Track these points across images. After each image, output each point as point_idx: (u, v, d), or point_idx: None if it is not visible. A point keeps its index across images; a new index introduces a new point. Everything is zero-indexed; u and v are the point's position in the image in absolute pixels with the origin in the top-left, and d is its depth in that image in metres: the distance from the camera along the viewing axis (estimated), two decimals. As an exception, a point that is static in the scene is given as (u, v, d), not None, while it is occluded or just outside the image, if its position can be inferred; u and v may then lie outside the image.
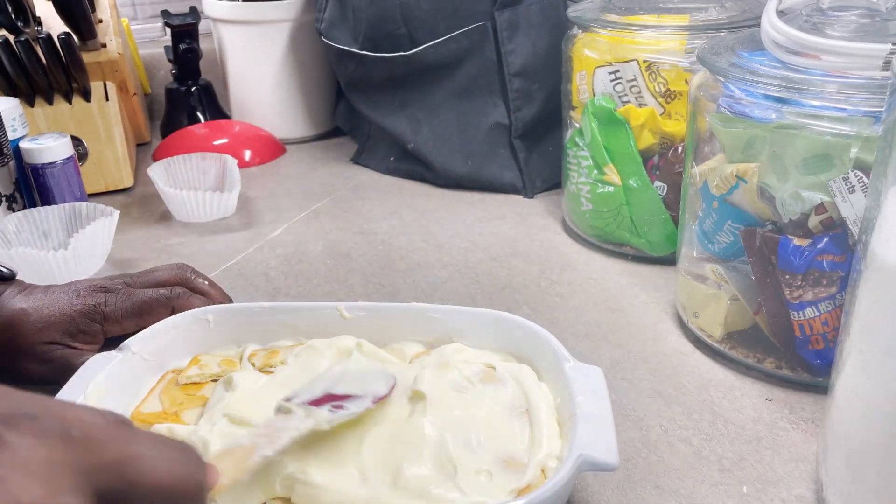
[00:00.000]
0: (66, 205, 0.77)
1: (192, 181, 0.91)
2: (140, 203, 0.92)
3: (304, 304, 0.55)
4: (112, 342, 0.56)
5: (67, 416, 0.24)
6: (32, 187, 0.81)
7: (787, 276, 0.52)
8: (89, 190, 0.90)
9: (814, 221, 0.51)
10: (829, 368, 0.44)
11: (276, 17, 1.03)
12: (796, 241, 0.51)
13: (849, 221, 0.49)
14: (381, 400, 0.45)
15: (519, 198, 0.91)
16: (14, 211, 0.79)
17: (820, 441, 0.46)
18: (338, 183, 0.97)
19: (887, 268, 0.36)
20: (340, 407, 0.43)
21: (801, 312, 0.52)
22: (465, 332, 0.53)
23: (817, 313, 0.52)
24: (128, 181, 0.95)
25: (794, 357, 0.55)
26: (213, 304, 0.58)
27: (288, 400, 0.43)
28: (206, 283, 0.61)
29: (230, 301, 0.61)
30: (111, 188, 0.94)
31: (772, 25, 0.51)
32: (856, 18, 0.51)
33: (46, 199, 0.80)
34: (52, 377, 0.54)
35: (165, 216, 0.88)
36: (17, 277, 0.60)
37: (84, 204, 0.77)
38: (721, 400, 0.55)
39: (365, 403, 0.44)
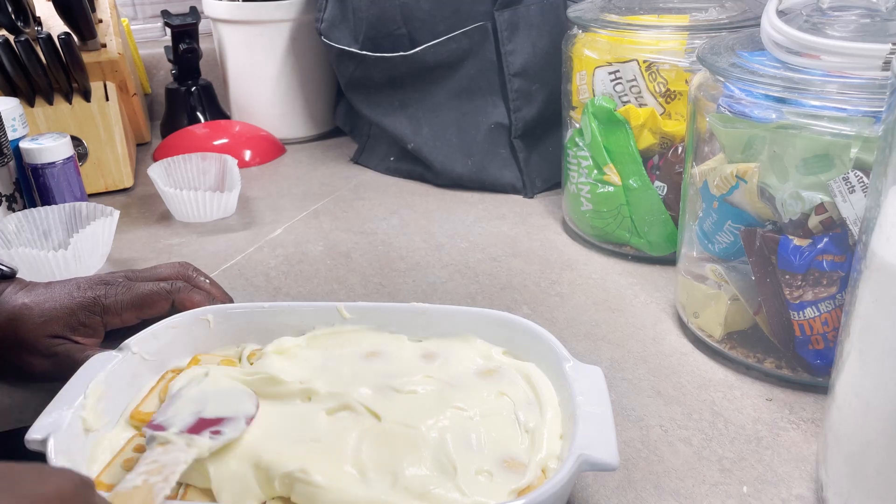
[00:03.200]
0: (66, 205, 0.77)
1: (192, 181, 0.91)
2: (140, 203, 0.92)
3: (304, 304, 0.55)
4: (114, 337, 0.56)
5: None
6: (32, 187, 0.81)
7: (787, 276, 0.52)
8: (89, 190, 0.90)
9: (814, 221, 0.51)
10: (829, 368, 0.44)
11: (276, 17, 1.03)
12: (796, 241, 0.51)
13: (849, 221, 0.49)
14: (252, 420, 0.45)
15: (519, 198, 0.91)
16: (14, 211, 0.79)
17: (820, 441, 0.46)
18: (338, 183, 0.97)
19: (887, 268, 0.36)
20: (218, 432, 0.43)
21: (801, 312, 0.52)
22: (465, 331, 0.53)
23: (817, 313, 0.52)
24: (128, 181, 0.95)
25: (794, 357, 0.55)
26: (214, 299, 0.58)
27: (157, 427, 0.43)
28: (208, 281, 0.61)
29: (231, 300, 0.61)
30: (111, 188, 0.94)
31: (772, 25, 0.51)
32: (856, 18, 0.51)
33: (46, 199, 0.80)
34: (56, 372, 0.54)
35: (165, 216, 0.88)
36: (18, 276, 0.60)
37: (84, 204, 0.77)
38: (721, 400, 0.55)
39: (240, 425, 0.44)
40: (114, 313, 0.56)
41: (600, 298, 0.68)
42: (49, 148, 0.79)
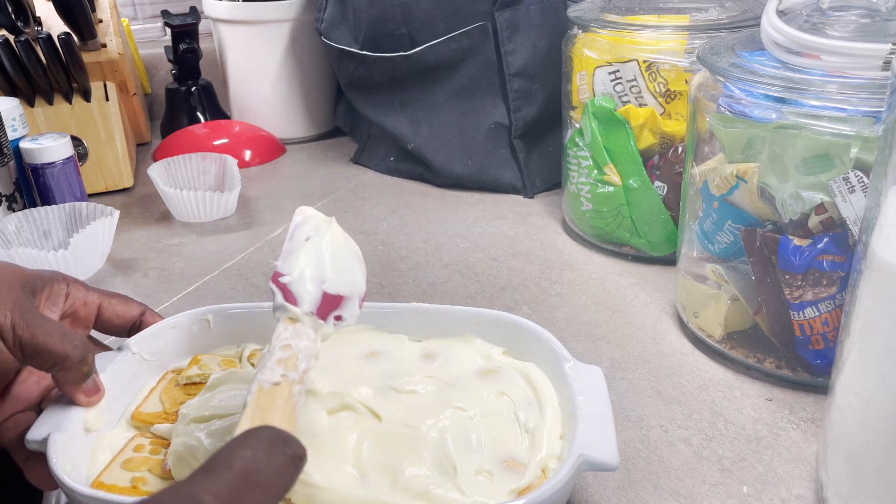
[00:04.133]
0: (66, 205, 0.77)
1: (192, 181, 0.91)
2: (140, 203, 0.92)
3: None
4: None
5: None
6: (32, 187, 0.81)
7: (787, 276, 0.52)
8: (89, 190, 0.90)
9: (814, 221, 0.51)
10: (829, 368, 0.44)
11: (276, 17, 1.03)
12: (796, 241, 0.51)
13: (849, 221, 0.49)
14: (363, 300, 0.43)
15: (519, 198, 0.91)
16: (14, 211, 0.79)
17: (820, 441, 0.46)
18: (338, 183, 0.97)
19: (887, 268, 0.36)
20: (339, 318, 0.41)
21: (801, 312, 0.52)
22: (465, 331, 0.53)
23: (817, 313, 0.52)
24: (128, 181, 0.95)
25: (794, 357, 0.55)
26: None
27: (285, 290, 0.40)
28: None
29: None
30: (111, 188, 0.94)
31: (772, 25, 0.51)
32: (856, 18, 0.51)
33: (46, 199, 0.80)
34: None
35: (165, 216, 0.88)
36: None
37: (84, 204, 0.77)
38: (721, 400, 0.55)
39: (354, 309, 0.42)
40: None
41: (600, 298, 0.68)
42: (49, 148, 0.79)
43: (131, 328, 0.52)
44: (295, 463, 0.30)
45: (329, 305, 0.40)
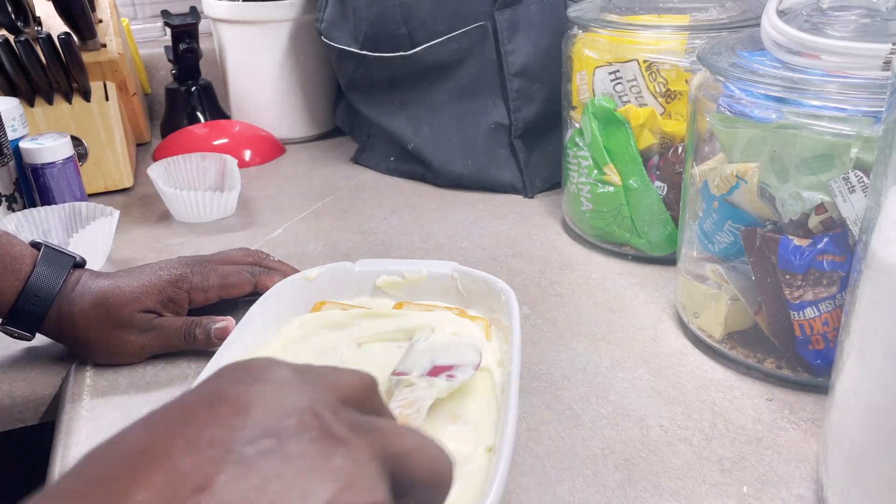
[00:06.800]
0: (66, 205, 0.77)
1: (192, 181, 0.91)
2: (140, 203, 0.92)
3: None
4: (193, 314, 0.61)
5: (376, 422, 0.26)
6: (32, 187, 0.81)
7: (787, 276, 0.52)
8: (89, 190, 0.90)
9: (814, 221, 0.51)
10: (829, 368, 0.44)
11: (276, 17, 1.03)
12: (796, 241, 0.51)
13: (849, 221, 0.49)
14: (478, 366, 0.50)
15: (519, 198, 0.91)
16: (14, 211, 0.79)
17: (820, 441, 0.46)
18: (338, 183, 0.97)
19: (887, 268, 0.36)
20: (452, 376, 0.48)
21: (801, 312, 0.52)
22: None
23: (817, 313, 0.52)
24: (128, 181, 0.95)
25: (794, 357, 0.55)
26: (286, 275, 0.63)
27: (400, 374, 0.48)
28: (277, 260, 0.67)
29: (297, 271, 0.65)
30: (111, 188, 0.94)
31: (772, 25, 0.51)
32: (856, 18, 0.51)
33: (46, 199, 0.80)
34: (154, 345, 0.59)
35: (165, 216, 0.88)
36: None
37: (84, 204, 0.77)
38: (721, 400, 0.55)
39: (469, 371, 0.49)
40: (200, 290, 0.60)
41: (600, 298, 0.68)
42: (49, 148, 0.79)
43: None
44: (447, 465, 0.30)
45: (439, 370, 0.49)
